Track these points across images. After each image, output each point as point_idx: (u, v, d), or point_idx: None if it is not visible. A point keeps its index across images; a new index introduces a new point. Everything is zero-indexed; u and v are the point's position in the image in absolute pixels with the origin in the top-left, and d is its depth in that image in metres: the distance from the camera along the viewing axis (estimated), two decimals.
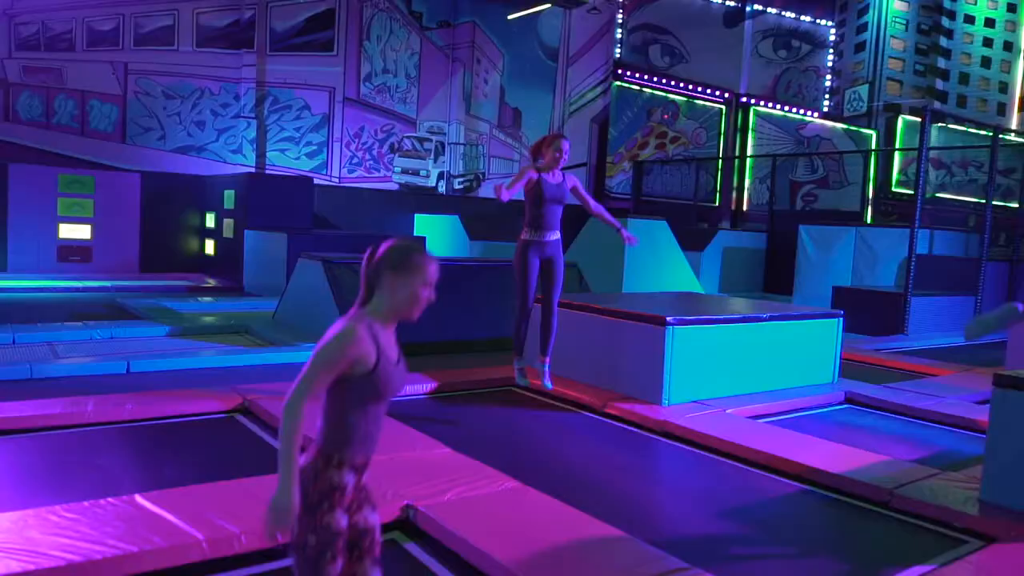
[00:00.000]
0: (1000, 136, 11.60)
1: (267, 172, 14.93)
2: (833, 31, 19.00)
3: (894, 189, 17.65)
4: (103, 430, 4.45)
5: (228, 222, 12.87)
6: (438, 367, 6.24)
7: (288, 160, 15.39)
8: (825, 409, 5.93)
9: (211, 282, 12.80)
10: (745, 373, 5.91)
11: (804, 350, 6.29)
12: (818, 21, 18.77)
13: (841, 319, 6.55)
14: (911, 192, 16.92)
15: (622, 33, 18.13)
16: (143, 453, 4.14)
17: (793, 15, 18.43)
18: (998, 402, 3.67)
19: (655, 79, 18.48)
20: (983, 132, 14.80)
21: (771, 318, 6.03)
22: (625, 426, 5.17)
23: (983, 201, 11.87)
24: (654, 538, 3.20)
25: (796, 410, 5.77)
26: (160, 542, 2.82)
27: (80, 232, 13.10)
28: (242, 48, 14.86)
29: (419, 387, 5.72)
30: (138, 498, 3.21)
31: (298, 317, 7.93)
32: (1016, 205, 13.84)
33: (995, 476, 3.66)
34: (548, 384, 5.32)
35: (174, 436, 4.47)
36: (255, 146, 15.11)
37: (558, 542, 3.05)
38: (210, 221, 13.66)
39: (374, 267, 1.95)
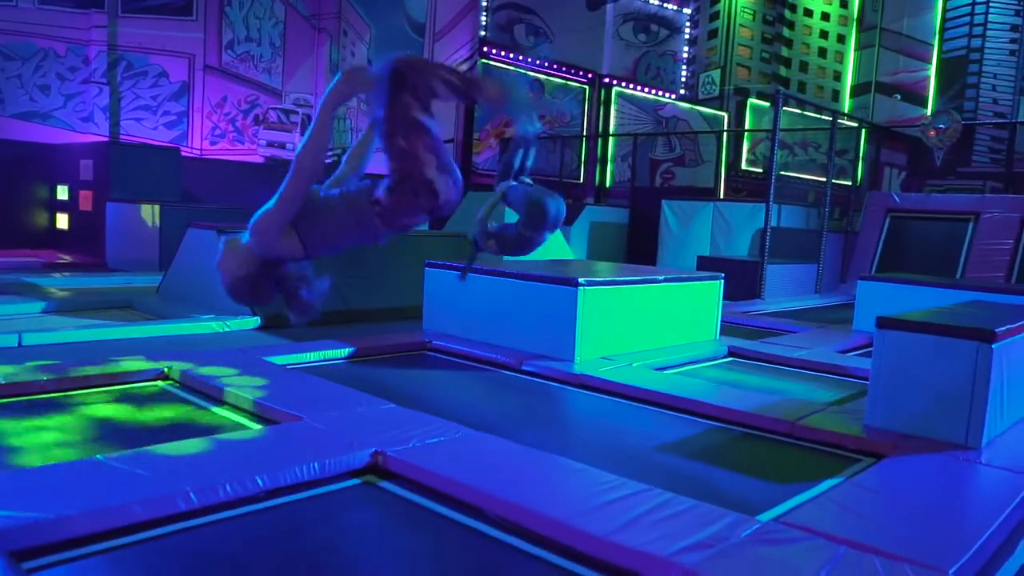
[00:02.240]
0: (837, 120, 12.88)
1: (122, 142, 14.02)
2: (688, 18, 20.15)
3: (744, 168, 19.09)
4: (22, 404, 4.23)
5: (85, 195, 12.04)
6: (348, 335, 6.29)
7: (145, 130, 14.53)
8: (713, 362, 6.50)
9: (66, 258, 11.94)
10: (642, 331, 6.37)
11: (692, 309, 6.85)
12: (675, 8, 19.85)
13: (722, 281, 7.18)
14: (759, 170, 18.35)
15: (487, 11, 18.33)
16: (77, 422, 3.99)
17: (652, 1, 19.38)
18: (879, 340, 4.26)
19: (520, 58, 18.83)
20: (821, 116, 16.28)
21: (667, 280, 6.53)
22: (543, 381, 5.47)
23: (822, 179, 13.14)
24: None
25: (689, 363, 6.30)
26: (144, 492, 2.82)
27: None
28: (91, 7, 13.82)
29: (339, 352, 5.78)
30: (100, 458, 3.15)
31: (188, 289, 7.65)
32: (849, 183, 15.41)
33: (877, 402, 4.26)
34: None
35: (103, 405, 4.31)
36: (108, 114, 14.14)
37: (527, 474, 3.30)
38: (62, 193, 12.69)
39: None
